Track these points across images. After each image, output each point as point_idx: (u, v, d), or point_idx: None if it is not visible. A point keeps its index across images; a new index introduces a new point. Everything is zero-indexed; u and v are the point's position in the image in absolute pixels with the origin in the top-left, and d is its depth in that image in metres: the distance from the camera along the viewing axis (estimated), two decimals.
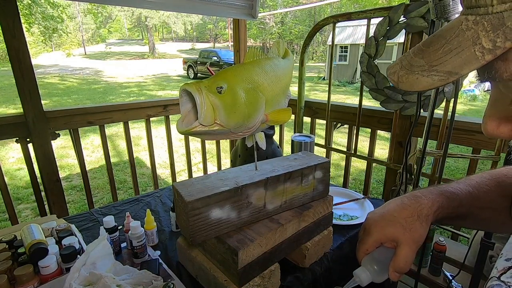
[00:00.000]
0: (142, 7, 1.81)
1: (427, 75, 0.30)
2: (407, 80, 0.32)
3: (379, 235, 0.55)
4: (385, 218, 0.56)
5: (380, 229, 0.55)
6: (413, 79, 0.31)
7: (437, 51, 0.30)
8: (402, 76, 0.32)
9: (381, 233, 0.55)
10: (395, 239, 0.54)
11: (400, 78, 0.33)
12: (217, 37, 39.73)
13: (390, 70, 0.35)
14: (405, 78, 0.32)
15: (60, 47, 28.80)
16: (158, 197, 1.38)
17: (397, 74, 0.33)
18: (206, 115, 0.56)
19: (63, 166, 4.12)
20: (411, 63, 0.32)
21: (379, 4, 18.20)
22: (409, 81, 0.32)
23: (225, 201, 0.70)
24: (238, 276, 0.69)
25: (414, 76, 0.31)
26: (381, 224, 0.55)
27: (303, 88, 1.94)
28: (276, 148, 1.32)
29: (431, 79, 0.30)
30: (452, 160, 4.20)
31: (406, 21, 1.40)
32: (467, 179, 0.60)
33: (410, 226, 0.53)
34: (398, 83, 0.33)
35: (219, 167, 2.57)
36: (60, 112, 1.67)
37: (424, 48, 0.31)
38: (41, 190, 1.71)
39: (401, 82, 0.33)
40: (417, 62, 0.31)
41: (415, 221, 0.54)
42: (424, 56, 0.31)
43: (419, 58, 0.31)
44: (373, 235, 0.55)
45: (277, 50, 0.81)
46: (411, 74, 0.32)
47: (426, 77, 0.30)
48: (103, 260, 0.78)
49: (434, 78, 0.30)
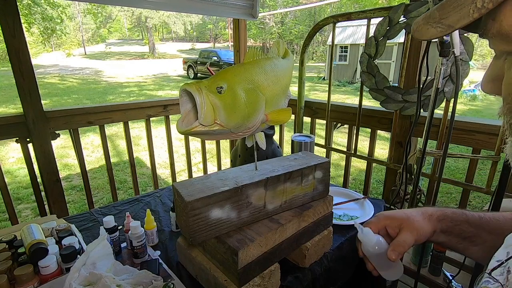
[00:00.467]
0: (142, 7, 1.81)
1: (435, 26, 0.34)
2: (421, 29, 0.35)
3: (385, 219, 0.63)
4: (393, 211, 0.65)
5: (387, 215, 0.63)
6: (425, 29, 0.35)
7: (449, 6, 0.33)
8: (420, 25, 0.36)
9: (388, 218, 0.62)
10: (399, 225, 0.60)
11: (418, 27, 0.36)
12: (217, 37, 39.73)
13: (415, 21, 0.38)
14: (421, 27, 0.35)
15: (60, 47, 28.80)
16: (158, 197, 1.38)
17: (417, 24, 0.36)
18: (206, 115, 0.56)
19: (63, 166, 4.12)
20: (430, 15, 0.35)
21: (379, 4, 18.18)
22: (422, 30, 0.35)
23: (225, 201, 0.70)
24: (238, 276, 0.69)
25: (427, 26, 0.35)
26: (389, 213, 0.64)
27: (303, 88, 1.94)
28: (276, 148, 1.32)
29: (435, 30, 0.34)
30: (452, 160, 4.20)
31: (406, 21, 1.40)
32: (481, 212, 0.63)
33: (414, 217, 0.60)
34: (414, 32, 0.36)
35: (219, 167, 2.57)
36: (60, 112, 1.67)
37: (444, 2, 0.34)
38: (41, 190, 1.71)
39: (417, 31, 0.36)
40: (434, 15, 0.34)
41: (419, 216, 0.60)
42: (440, 9, 0.34)
43: (437, 11, 0.34)
44: (380, 218, 0.63)
45: (277, 50, 0.81)
46: (425, 25, 0.35)
47: (433, 28, 0.34)
48: (103, 260, 0.78)
49: (437, 29, 0.33)
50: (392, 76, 12.16)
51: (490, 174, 1.34)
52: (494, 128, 1.30)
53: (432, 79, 1.36)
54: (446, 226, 0.60)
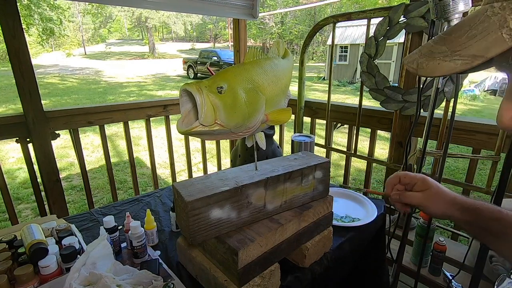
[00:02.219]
0: (142, 7, 1.81)
1: (449, 60, 0.31)
2: (427, 66, 0.32)
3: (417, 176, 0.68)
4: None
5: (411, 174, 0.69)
6: (434, 65, 0.32)
7: (460, 37, 0.30)
8: (422, 63, 0.33)
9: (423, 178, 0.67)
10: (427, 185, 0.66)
11: (419, 65, 0.33)
12: (217, 37, 39.73)
13: (408, 59, 0.35)
14: (425, 64, 0.33)
15: (60, 47, 28.80)
16: (158, 197, 1.38)
17: (416, 62, 0.34)
18: (207, 115, 0.56)
19: (63, 166, 4.11)
20: (432, 50, 0.33)
21: (379, 4, 18.19)
22: (430, 67, 0.32)
23: (225, 201, 0.70)
24: (238, 276, 0.69)
25: (435, 61, 0.32)
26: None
27: (303, 88, 1.94)
28: (276, 148, 1.32)
29: (453, 63, 0.31)
30: (452, 160, 4.20)
31: (406, 21, 1.40)
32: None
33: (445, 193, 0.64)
34: (418, 70, 0.33)
35: (219, 167, 2.57)
36: (60, 112, 1.67)
37: (446, 36, 0.32)
38: (41, 190, 1.71)
39: (421, 68, 0.33)
40: (438, 49, 0.32)
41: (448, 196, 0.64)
42: (446, 43, 0.31)
43: (440, 45, 0.32)
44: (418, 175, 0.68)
45: (277, 50, 0.81)
46: (431, 60, 0.32)
47: (448, 62, 0.31)
48: (103, 260, 0.78)
49: (457, 62, 0.30)
50: (392, 76, 12.17)
51: (490, 174, 1.34)
52: (494, 128, 1.30)
53: (432, 79, 1.36)
54: (470, 217, 0.60)
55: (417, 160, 1.37)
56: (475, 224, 0.61)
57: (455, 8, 0.87)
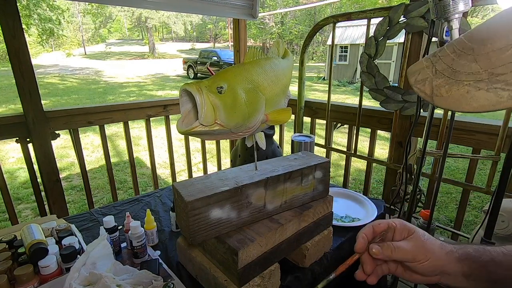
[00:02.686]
0: (142, 7, 1.81)
1: (487, 89, 0.19)
2: (451, 94, 0.21)
3: (399, 222, 0.51)
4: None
5: (402, 221, 0.51)
6: (462, 94, 0.20)
7: (502, 51, 0.19)
8: (441, 87, 0.22)
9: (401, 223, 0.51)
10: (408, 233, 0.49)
11: (437, 90, 0.22)
12: (217, 37, 39.72)
13: (416, 76, 0.23)
14: (446, 90, 0.21)
15: (60, 47, 28.80)
16: (158, 197, 1.38)
17: (429, 84, 0.22)
18: (207, 115, 0.56)
19: (63, 166, 4.11)
20: (455, 69, 0.21)
21: (379, 4, 18.20)
22: (454, 95, 0.21)
23: (225, 201, 0.70)
24: (238, 276, 0.69)
25: (463, 88, 0.20)
26: (405, 222, 0.52)
27: (303, 88, 1.94)
28: (276, 148, 1.32)
29: (495, 94, 0.19)
30: (452, 160, 4.20)
31: (406, 21, 1.40)
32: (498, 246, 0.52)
33: (430, 240, 0.48)
34: (433, 98, 0.22)
35: (219, 167, 2.57)
36: (60, 112, 1.67)
37: (475, 46, 0.20)
38: (41, 190, 1.71)
39: (437, 96, 0.21)
40: (467, 68, 0.20)
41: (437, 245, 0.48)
42: (478, 58, 0.20)
43: (467, 60, 0.21)
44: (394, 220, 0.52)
45: (276, 50, 0.81)
46: (456, 85, 0.21)
47: (485, 92, 0.19)
48: (103, 260, 0.78)
49: (501, 93, 0.19)
50: (392, 76, 12.17)
51: (490, 174, 1.34)
52: (494, 128, 1.30)
53: None
54: (470, 268, 0.47)
55: (417, 160, 1.37)
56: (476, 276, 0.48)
57: (455, 8, 0.87)
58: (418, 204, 1.44)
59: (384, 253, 0.48)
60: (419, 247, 0.47)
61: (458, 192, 2.88)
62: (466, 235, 1.58)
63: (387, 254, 0.47)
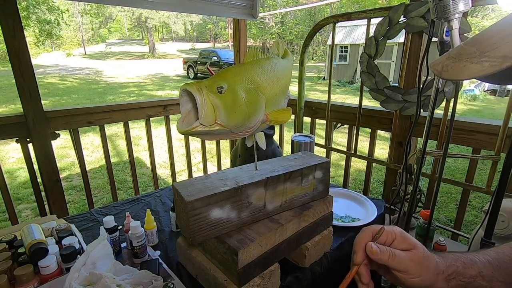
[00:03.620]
0: (142, 7, 1.81)
1: (476, 62, 0.28)
2: (452, 68, 0.30)
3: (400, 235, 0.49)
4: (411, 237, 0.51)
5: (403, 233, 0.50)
6: (460, 67, 0.29)
7: (492, 37, 0.28)
8: (448, 65, 0.30)
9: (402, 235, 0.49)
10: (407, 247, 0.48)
11: (444, 67, 0.30)
12: (217, 37, 39.72)
13: (435, 61, 0.32)
14: (451, 66, 0.30)
15: (60, 47, 28.80)
16: (158, 197, 1.38)
17: (441, 64, 0.31)
18: (207, 115, 0.56)
19: (63, 166, 4.11)
20: (460, 52, 0.30)
21: (379, 4, 18.19)
22: (454, 69, 0.30)
23: (225, 201, 0.70)
24: (238, 276, 0.69)
25: (461, 63, 0.29)
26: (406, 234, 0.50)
27: (303, 88, 1.94)
28: (276, 148, 1.32)
29: (480, 65, 0.28)
30: (452, 160, 4.20)
31: (406, 21, 1.40)
32: (484, 250, 0.53)
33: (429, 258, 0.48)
34: (442, 73, 0.31)
35: (219, 167, 2.57)
36: (60, 112, 1.67)
37: (477, 37, 0.29)
38: (41, 190, 1.71)
39: (445, 71, 0.30)
40: (467, 50, 0.29)
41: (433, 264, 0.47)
42: (476, 43, 0.29)
43: (470, 46, 0.29)
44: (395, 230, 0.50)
45: (276, 50, 0.81)
46: (457, 62, 0.29)
47: (474, 64, 0.28)
48: (103, 260, 0.78)
49: (484, 64, 0.27)
50: (392, 76, 12.17)
51: (490, 174, 1.34)
52: (494, 128, 1.30)
53: (432, 79, 1.36)
54: (455, 286, 0.48)
55: (417, 160, 1.37)
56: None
57: (455, 8, 0.87)
58: (418, 204, 1.44)
59: (382, 257, 0.46)
60: (415, 262, 0.47)
61: (458, 192, 2.88)
62: (466, 235, 1.58)
63: (384, 259, 0.46)
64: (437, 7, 0.90)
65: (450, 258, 0.49)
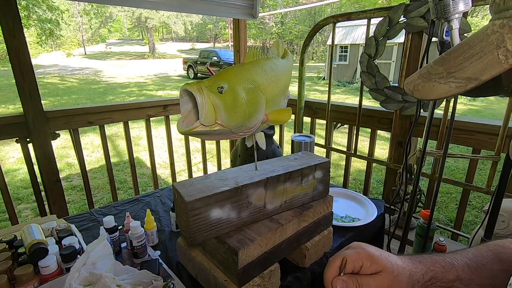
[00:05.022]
0: (142, 7, 1.81)
1: (444, 82, 0.29)
2: (423, 88, 0.31)
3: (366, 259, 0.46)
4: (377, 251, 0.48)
5: (370, 254, 0.47)
6: (429, 87, 0.30)
7: (458, 57, 0.28)
8: (419, 84, 0.31)
9: (369, 259, 0.46)
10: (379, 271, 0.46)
11: (416, 87, 0.31)
12: (217, 37, 39.72)
13: (408, 79, 0.33)
14: (421, 86, 0.31)
15: (60, 47, 28.80)
16: (158, 197, 1.38)
17: (413, 83, 0.32)
18: (207, 115, 0.56)
19: (63, 166, 4.11)
20: (430, 72, 0.31)
21: (379, 4, 18.19)
22: (425, 89, 0.31)
23: (225, 201, 0.70)
24: (238, 276, 0.69)
25: (431, 83, 0.30)
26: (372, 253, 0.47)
27: (303, 88, 1.94)
28: (276, 148, 1.32)
29: (447, 86, 0.28)
30: (452, 160, 4.20)
31: (406, 21, 1.40)
32: (463, 250, 0.53)
33: (400, 275, 0.45)
34: (413, 92, 0.32)
35: (219, 167, 2.57)
36: (60, 112, 1.67)
37: (445, 56, 0.30)
38: (41, 190, 1.71)
39: (416, 90, 0.31)
40: (436, 70, 0.30)
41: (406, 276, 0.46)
42: (444, 63, 0.30)
43: (438, 66, 0.30)
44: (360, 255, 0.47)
45: (276, 50, 0.81)
46: (427, 82, 0.30)
47: (442, 84, 0.29)
48: (103, 260, 0.78)
49: (451, 85, 0.28)
50: (392, 76, 12.16)
51: (490, 174, 1.34)
52: (494, 128, 1.30)
53: None
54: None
55: (417, 160, 1.37)
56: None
57: (455, 8, 0.87)
58: (418, 204, 1.44)
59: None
60: (392, 285, 0.45)
61: (458, 192, 2.88)
62: (466, 235, 1.58)
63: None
64: (437, 7, 0.90)
65: (429, 263, 0.48)
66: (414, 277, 0.46)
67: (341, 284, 0.45)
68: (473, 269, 0.49)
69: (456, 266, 0.48)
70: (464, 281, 0.48)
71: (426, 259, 0.49)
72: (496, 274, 0.49)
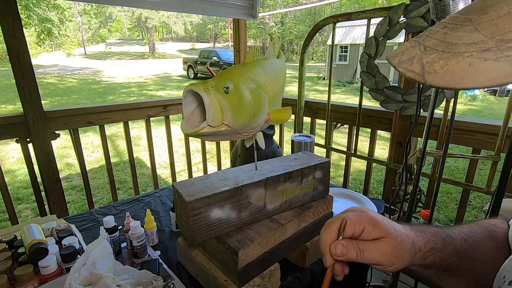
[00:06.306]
0: (142, 7, 1.81)
1: (497, 58, 0.17)
2: (448, 68, 0.18)
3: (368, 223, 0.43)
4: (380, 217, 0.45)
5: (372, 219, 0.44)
6: (462, 67, 0.17)
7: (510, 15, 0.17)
8: (433, 62, 0.19)
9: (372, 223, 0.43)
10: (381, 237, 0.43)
11: (429, 67, 0.19)
12: (217, 37, 39.72)
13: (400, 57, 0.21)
14: (441, 65, 0.18)
15: (60, 47, 28.80)
16: (158, 197, 1.38)
17: (418, 61, 0.19)
18: (215, 116, 0.55)
19: (63, 166, 4.11)
20: (450, 41, 0.18)
21: (379, 4, 18.19)
22: (453, 70, 0.18)
23: (225, 201, 0.70)
24: (238, 276, 0.69)
25: (464, 61, 0.17)
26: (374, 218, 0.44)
27: (303, 88, 1.94)
28: (276, 148, 1.32)
29: (507, 63, 0.16)
30: (452, 160, 4.20)
31: (406, 21, 1.40)
32: (458, 226, 0.51)
33: (403, 241, 0.43)
34: (425, 76, 0.19)
35: (219, 167, 2.57)
36: (60, 112, 1.67)
37: (473, 17, 0.18)
38: (41, 190, 1.71)
39: (431, 73, 0.18)
40: (465, 38, 0.18)
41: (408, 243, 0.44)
42: (478, 27, 0.17)
43: (465, 31, 0.18)
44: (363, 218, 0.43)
45: (273, 50, 0.82)
46: (453, 59, 0.18)
47: (494, 62, 0.17)
48: (103, 260, 0.78)
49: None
50: (392, 76, 12.16)
51: (490, 174, 1.34)
52: (494, 128, 1.30)
53: None
54: (432, 262, 0.45)
55: (417, 160, 1.37)
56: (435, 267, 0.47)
57: (455, 8, 0.87)
58: (418, 204, 1.44)
59: (349, 256, 0.42)
60: (387, 254, 0.42)
61: (458, 192, 2.88)
62: None
63: (352, 258, 0.42)
64: (437, 7, 0.90)
65: (429, 234, 0.46)
66: (416, 246, 0.44)
67: (340, 249, 0.41)
68: (469, 244, 0.47)
69: (455, 240, 0.47)
70: (460, 255, 0.46)
71: (427, 229, 0.48)
72: (489, 251, 0.48)
